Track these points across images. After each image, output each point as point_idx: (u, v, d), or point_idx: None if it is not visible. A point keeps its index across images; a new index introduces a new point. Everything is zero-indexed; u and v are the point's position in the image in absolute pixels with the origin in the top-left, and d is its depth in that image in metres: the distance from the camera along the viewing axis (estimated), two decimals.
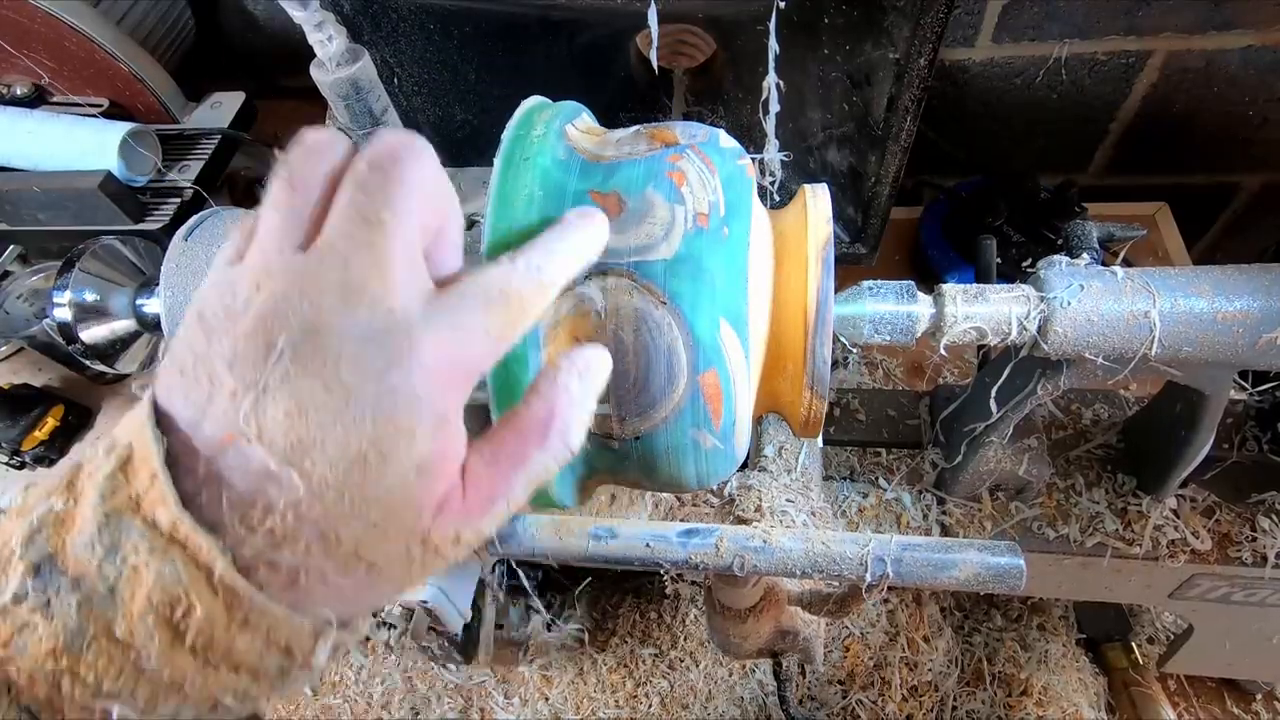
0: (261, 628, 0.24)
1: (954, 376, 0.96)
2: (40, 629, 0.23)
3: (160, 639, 0.23)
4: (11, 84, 0.94)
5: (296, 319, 0.24)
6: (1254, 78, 0.97)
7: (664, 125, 0.38)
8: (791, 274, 0.38)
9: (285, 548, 0.24)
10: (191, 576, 0.23)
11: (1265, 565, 0.56)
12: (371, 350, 0.25)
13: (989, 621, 0.87)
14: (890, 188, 0.77)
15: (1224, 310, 0.41)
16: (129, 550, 0.23)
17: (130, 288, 0.51)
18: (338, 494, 0.24)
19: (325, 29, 0.63)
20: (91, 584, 0.23)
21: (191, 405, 0.25)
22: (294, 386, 0.24)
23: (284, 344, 0.24)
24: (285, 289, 0.25)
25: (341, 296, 0.25)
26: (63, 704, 0.23)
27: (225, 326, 0.25)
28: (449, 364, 0.26)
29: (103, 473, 0.24)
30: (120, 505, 0.24)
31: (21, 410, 0.88)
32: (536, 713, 0.90)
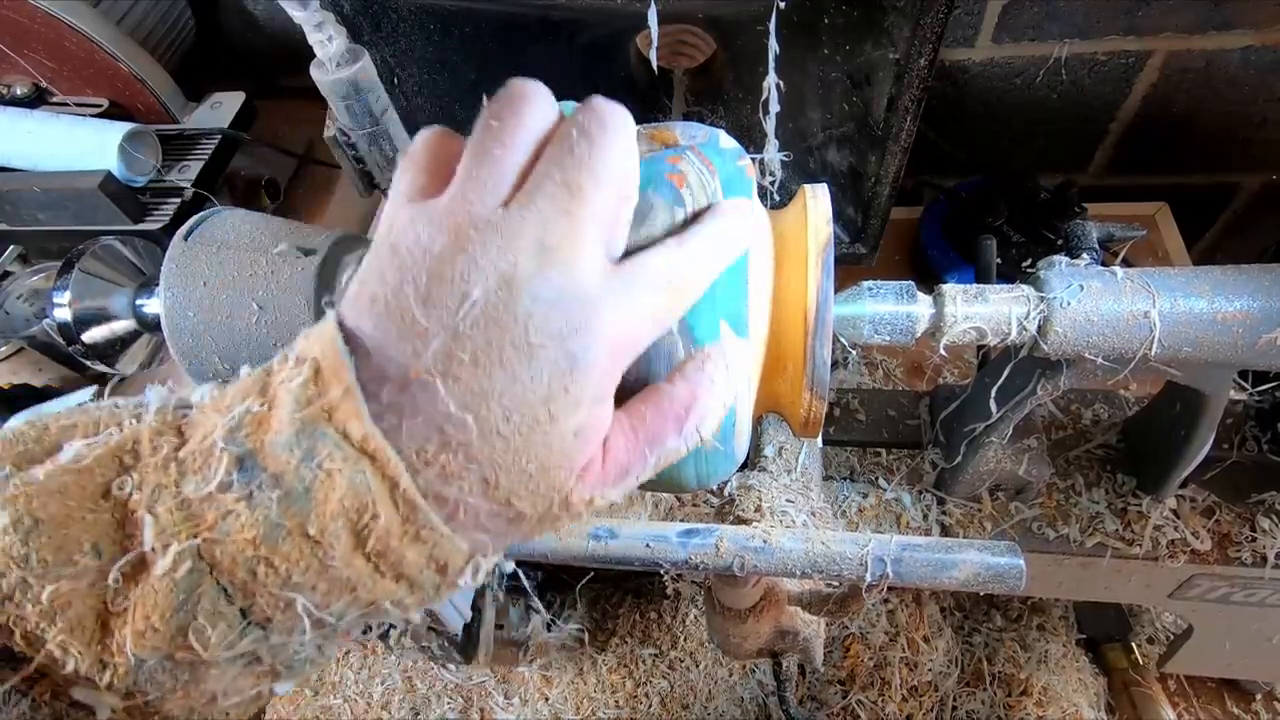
0: (428, 545, 0.26)
1: (954, 376, 0.96)
2: (244, 517, 0.25)
3: (345, 541, 0.25)
4: (11, 84, 0.94)
5: (493, 273, 0.26)
6: (1254, 78, 0.97)
7: (664, 125, 0.38)
8: (791, 275, 0.38)
9: (452, 482, 0.26)
10: (378, 487, 0.25)
11: (1265, 565, 0.56)
12: (558, 314, 0.26)
13: (989, 621, 0.87)
14: (890, 188, 0.77)
15: (1224, 310, 0.41)
16: (324, 456, 0.25)
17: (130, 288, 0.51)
18: (505, 443, 0.26)
19: (325, 29, 0.63)
20: (290, 483, 0.25)
21: (381, 334, 0.26)
22: (483, 336, 0.25)
23: (479, 295, 0.26)
24: (485, 241, 0.26)
25: (537, 257, 0.26)
26: (256, 588, 0.25)
27: (421, 265, 0.26)
28: (621, 339, 0.28)
29: (296, 382, 0.26)
30: (315, 414, 0.25)
31: (21, 410, 0.88)
32: (536, 713, 0.90)
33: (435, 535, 0.26)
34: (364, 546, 0.25)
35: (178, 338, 0.45)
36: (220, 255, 0.44)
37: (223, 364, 0.45)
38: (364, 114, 0.68)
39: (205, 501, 0.25)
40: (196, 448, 0.26)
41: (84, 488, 0.25)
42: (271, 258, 0.44)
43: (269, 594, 0.25)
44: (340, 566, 0.25)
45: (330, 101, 0.68)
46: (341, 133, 0.71)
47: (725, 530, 0.47)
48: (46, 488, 0.25)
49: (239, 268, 0.44)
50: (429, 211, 0.28)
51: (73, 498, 0.25)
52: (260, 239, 0.45)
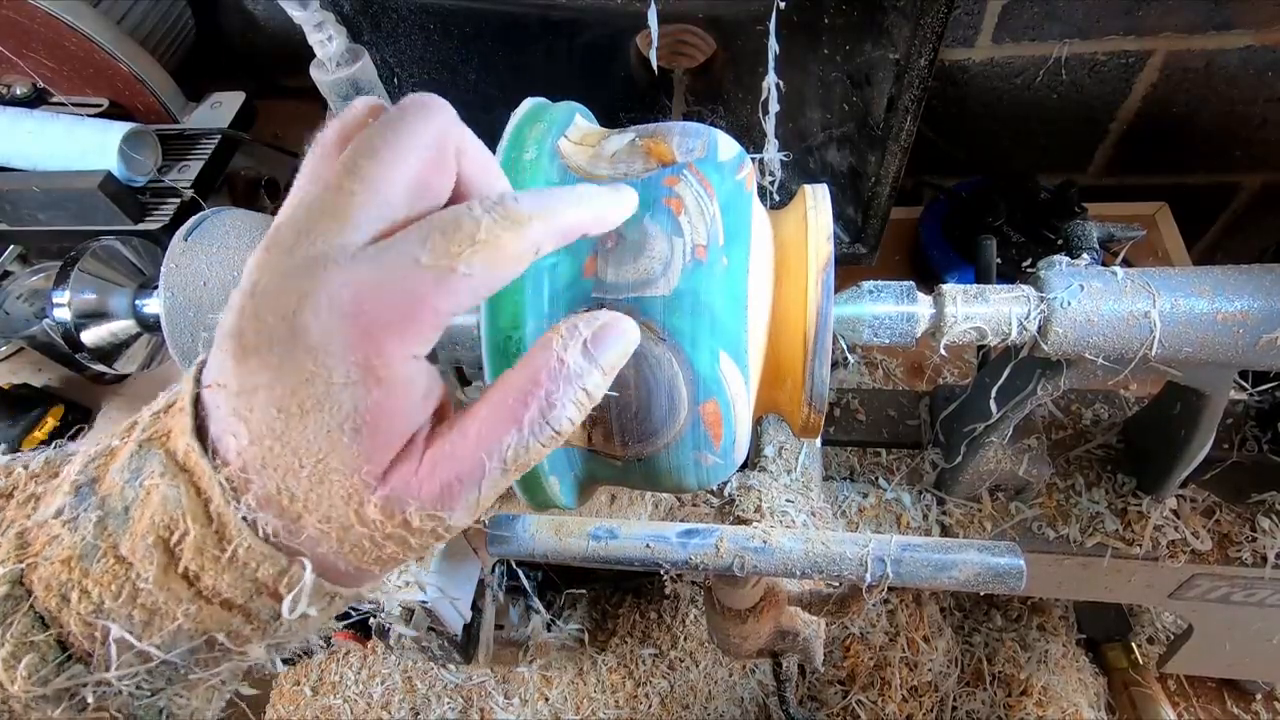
0: (249, 564, 0.24)
1: (954, 376, 0.96)
2: (65, 540, 0.24)
3: (157, 560, 0.24)
4: (11, 84, 0.94)
5: (256, 263, 0.24)
6: (1254, 78, 0.97)
7: (660, 132, 0.38)
8: (791, 293, 0.38)
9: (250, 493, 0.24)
10: (190, 501, 0.24)
11: (1265, 565, 0.56)
12: (287, 287, 0.23)
13: (989, 621, 0.87)
14: (890, 188, 0.77)
15: (1224, 310, 0.41)
16: (147, 474, 0.24)
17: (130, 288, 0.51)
18: (273, 442, 0.24)
19: (325, 29, 0.63)
20: (113, 503, 0.24)
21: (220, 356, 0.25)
22: (241, 330, 0.24)
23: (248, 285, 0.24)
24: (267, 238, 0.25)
25: (294, 238, 0.24)
26: (69, 615, 0.24)
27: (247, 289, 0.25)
28: (371, 302, 0.23)
29: (151, 410, 0.26)
30: (152, 437, 0.25)
31: (21, 410, 0.88)
32: (536, 713, 0.90)
33: (253, 554, 0.24)
34: (177, 567, 0.24)
35: (177, 338, 0.45)
36: (220, 255, 0.44)
37: None
38: None
39: (39, 529, 0.24)
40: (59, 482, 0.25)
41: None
42: None
43: (82, 622, 0.24)
44: (154, 589, 0.24)
45: (330, 101, 0.68)
46: None
47: (725, 530, 0.47)
48: None
49: (239, 268, 0.44)
50: None
51: None
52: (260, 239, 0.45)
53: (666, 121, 0.39)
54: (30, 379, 0.94)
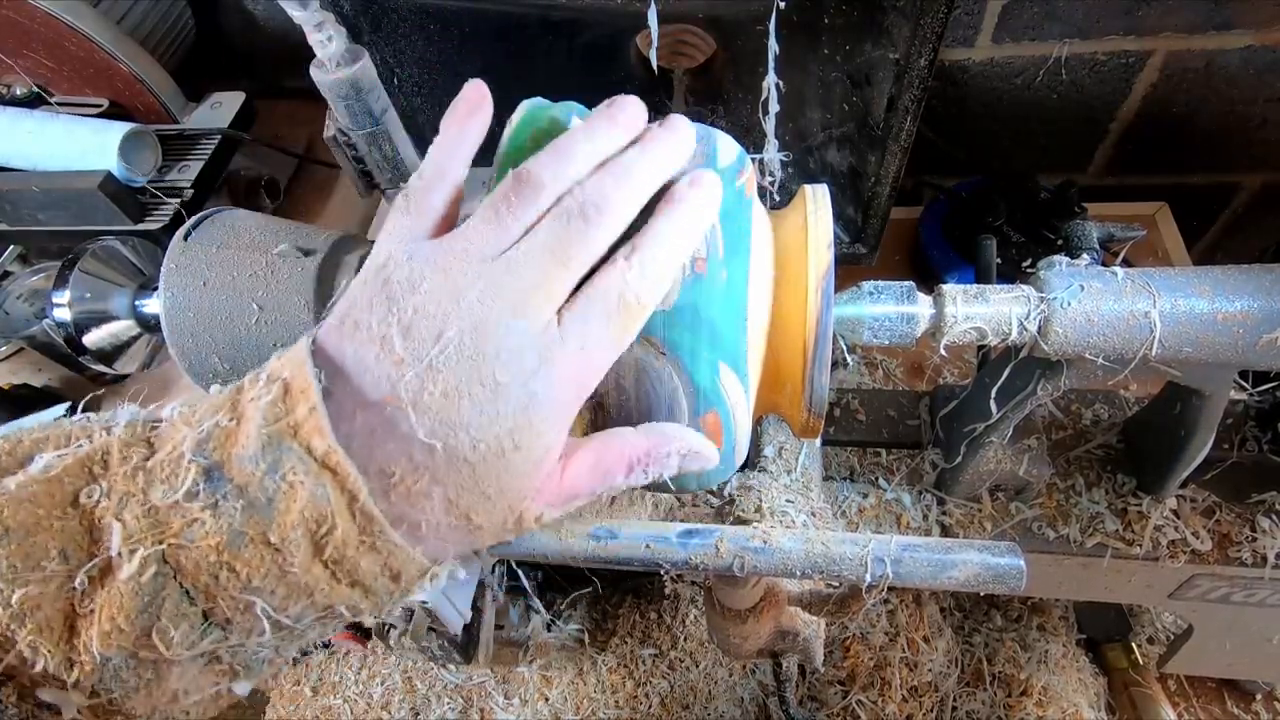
0: (383, 555, 0.28)
1: (954, 376, 0.96)
2: (208, 525, 0.26)
3: (305, 549, 0.27)
4: (11, 84, 0.94)
5: (470, 316, 0.28)
6: (1254, 78, 0.97)
7: None
8: (792, 299, 0.38)
9: (417, 501, 0.28)
10: (337, 500, 0.27)
11: (1265, 565, 0.55)
12: (522, 356, 0.29)
13: (989, 622, 0.87)
14: (890, 188, 0.77)
15: (1224, 310, 0.41)
16: (288, 469, 0.27)
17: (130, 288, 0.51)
18: (471, 469, 0.28)
19: (325, 29, 0.63)
20: (254, 494, 0.26)
21: (360, 357, 0.28)
22: (455, 373, 0.28)
23: (454, 333, 0.28)
24: (470, 286, 0.29)
25: (512, 307, 0.29)
26: (218, 592, 0.27)
27: (408, 299, 0.28)
28: (581, 372, 0.30)
29: (265, 399, 0.27)
30: (281, 430, 0.27)
31: (21, 410, 0.88)
32: (536, 713, 0.90)
33: (390, 546, 0.28)
34: (321, 554, 0.27)
35: (177, 338, 0.45)
36: (220, 255, 0.44)
37: (222, 364, 0.45)
38: (364, 114, 0.68)
39: (172, 509, 0.26)
40: (165, 458, 0.27)
41: (53, 496, 0.27)
42: (271, 258, 0.44)
43: (230, 597, 0.27)
44: (299, 573, 0.27)
45: (330, 101, 0.68)
46: (341, 133, 0.70)
47: (725, 530, 0.47)
48: (16, 496, 0.26)
49: (239, 268, 0.44)
50: (427, 250, 0.30)
51: (42, 506, 0.26)
52: (260, 239, 0.45)
53: None
54: (30, 379, 0.94)
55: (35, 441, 0.28)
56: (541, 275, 0.29)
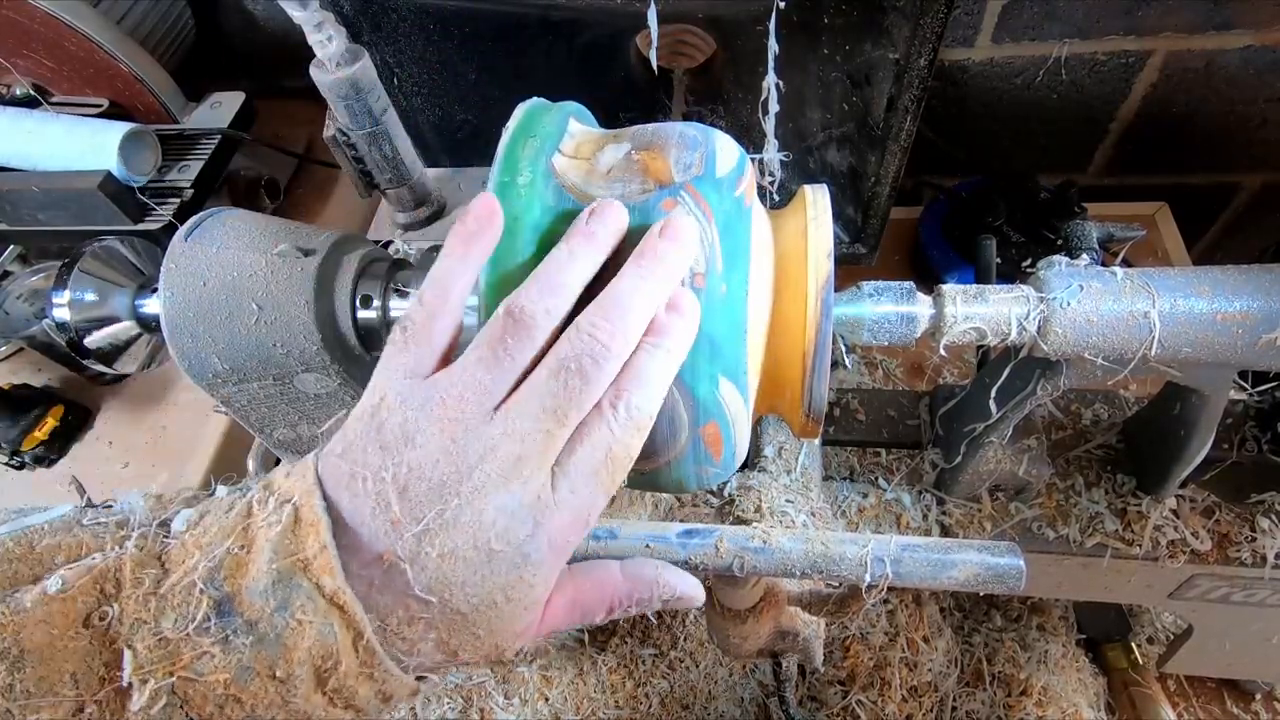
0: (379, 682, 0.29)
1: (954, 376, 0.96)
2: (218, 659, 0.27)
3: (308, 682, 0.28)
4: (11, 84, 0.94)
5: (468, 483, 0.29)
6: (1254, 78, 0.97)
7: (657, 143, 0.37)
8: (792, 305, 0.38)
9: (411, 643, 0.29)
10: (343, 637, 0.28)
11: (1265, 565, 0.56)
12: (516, 524, 0.30)
13: (989, 621, 0.87)
14: (890, 188, 0.77)
15: (1224, 310, 0.41)
16: (296, 607, 0.28)
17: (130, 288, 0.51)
18: (462, 619, 0.30)
19: (325, 29, 0.63)
20: (264, 629, 0.28)
21: (357, 509, 0.29)
22: (450, 536, 0.29)
23: (451, 498, 0.29)
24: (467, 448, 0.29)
25: (505, 473, 0.29)
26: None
27: (403, 455, 0.29)
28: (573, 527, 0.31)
29: (275, 530, 0.28)
30: (292, 566, 0.28)
31: (21, 410, 0.88)
32: (536, 713, 0.90)
33: (387, 676, 0.29)
34: (324, 686, 0.28)
35: (177, 338, 0.45)
36: (220, 255, 0.44)
37: (222, 364, 0.45)
38: (364, 114, 0.68)
39: (183, 641, 0.27)
40: (177, 583, 0.28)
41: (67, 616, 0.27)
42: (271, 258, 0.44)
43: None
44: (300, 702, 0.28)
45: (330, 101, 0.68)
46: (341, 133, 0.70)
47: (725, 530, 0.47)
48: (33, 617, 0.27)
49: (239, 268, 0.44)
50: (422, 395, 0.30)
51: (56, 626, 0.27)
52: (260, 239, 0.45)
53: (664, 125, 0.38)
54: (30, 379, 0.94)
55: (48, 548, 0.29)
56: (539, 439, 0.30)
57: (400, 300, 0.46)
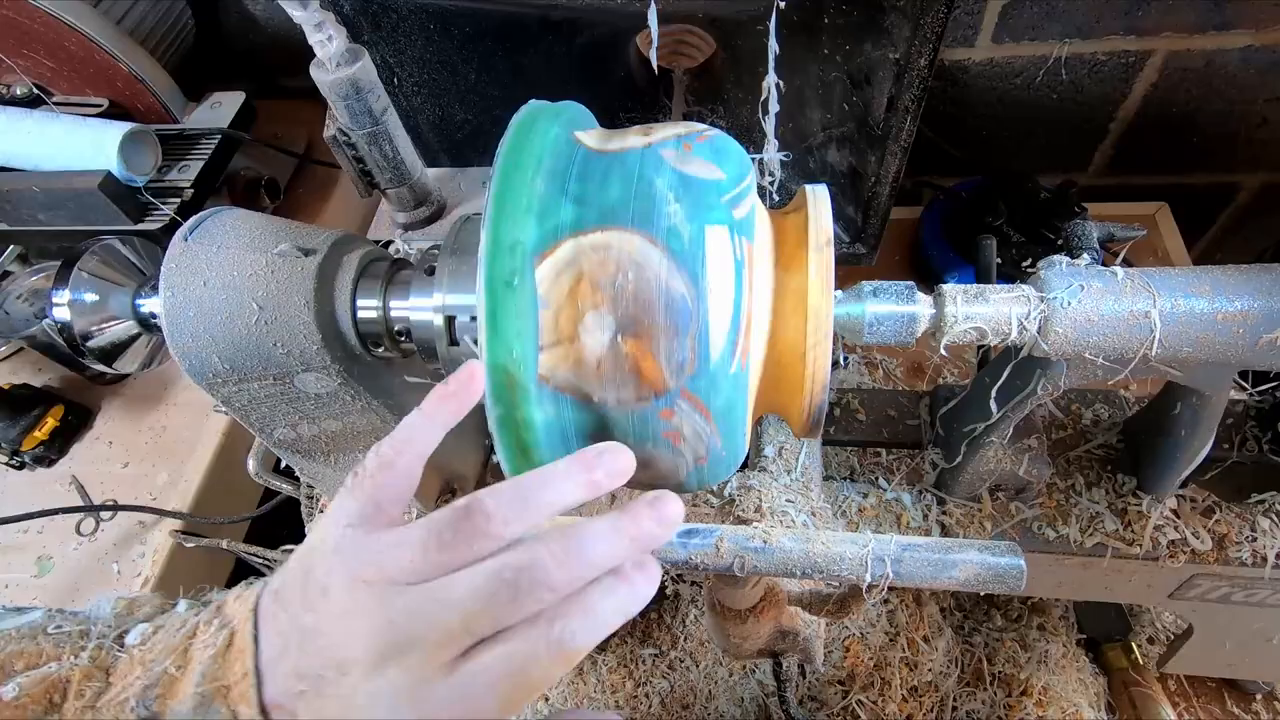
0: None
1: (954, 376, 0.96)
2: None
3: None
4: (11, 84, 0.94)
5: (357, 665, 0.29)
6: (1254, 78, 0.97)
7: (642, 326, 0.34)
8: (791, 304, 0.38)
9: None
10: None
11: (1265, 565, 0.55)
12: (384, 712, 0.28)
13: (989, 621, 0.87)
14: (890, 188, 0.77)
15: (1224, 310, 0.41)
16: None
17: (130, 288, 0.51)
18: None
19: (325, 29, 0.63)
20: None
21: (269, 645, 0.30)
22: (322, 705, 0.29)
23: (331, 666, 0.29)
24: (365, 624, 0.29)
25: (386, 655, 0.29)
26: None
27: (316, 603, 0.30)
28: None
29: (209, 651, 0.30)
30: (214, 691, 0.29)
31: (21, 410, 0.88)
32: (536, 713, 0.90)
33: None
34: None
35: (177, 338, 0.45)
36: (220, 255, 0.44)
37: (222, 364, 0.45)
38: (364, 114, 0.68)
39: None
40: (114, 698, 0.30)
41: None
42: (271, 258, 0.44)
43: None
44: None
45: (330, 101, 0.68)
46: (341, 133, 0.70)
47: (725, 530, 0.47)
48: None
49: (239, 268, 0.44)
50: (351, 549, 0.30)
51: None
52: (260, 239, 0.45)
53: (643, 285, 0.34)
54: (30, 379, 0.94)
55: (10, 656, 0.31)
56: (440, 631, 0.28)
57: (400, 300, 0.46)
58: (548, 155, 0.37)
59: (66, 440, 0.91)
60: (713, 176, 0.36)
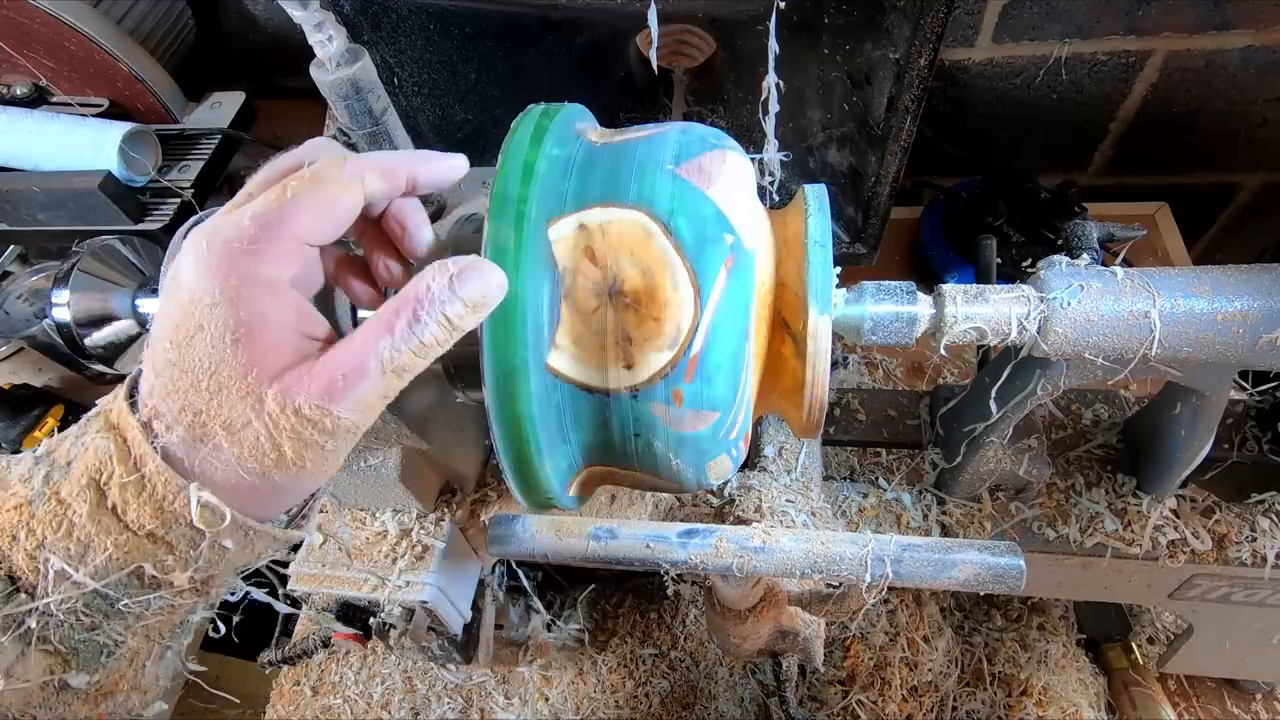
0: (163, 497, 0.29)
1: (954, 376, 0.96)
2: (19, 493, 0.29)
3: (90, 499, 0.29)
4: (11, 84, 0.94)
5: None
6: (1254, 78, 0.97)
7: None
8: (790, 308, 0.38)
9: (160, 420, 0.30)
10: (116, 446, 0.29)
11: (1265, 565, 0.55)
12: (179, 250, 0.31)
13: (989, 621, 0.87)
14: (890, 188, 0.77)
15: (1224, 310, 0.41)
16: (89, 436, 0.30)
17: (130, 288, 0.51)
18: (170, 369, 0.29)
19: (325, 29, 0.63)
20: (59, 459, 0.30)
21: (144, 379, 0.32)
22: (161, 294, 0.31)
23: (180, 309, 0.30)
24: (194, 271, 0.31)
25: None
26: (16, 551, 0.29)
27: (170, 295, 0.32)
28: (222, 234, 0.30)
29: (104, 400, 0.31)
30: (99, 412, 0.31)
31: (21, 410, 0.88)
32: (536, 713, 0.90)
33: (163, 482, 0.29)
34: (107, 503, 0.29)
35: None
36: None
37: None
38: (364, 114, 0.68)
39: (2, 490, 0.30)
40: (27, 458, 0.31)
41: None
42: None
43: (27, 556, 0.28)
44: (87, 522, 0.29)
45: (330, 101, 0.68)
46: (341, 133, 0.70)
47: (725, 530, 0.47)
48: None
49: None
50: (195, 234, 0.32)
51: None
52: None
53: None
54: (30, 379, 0.94)
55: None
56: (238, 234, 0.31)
57: None
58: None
59: None
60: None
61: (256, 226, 0.30)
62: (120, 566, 0.29)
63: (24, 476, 0.29)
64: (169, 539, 0.29)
